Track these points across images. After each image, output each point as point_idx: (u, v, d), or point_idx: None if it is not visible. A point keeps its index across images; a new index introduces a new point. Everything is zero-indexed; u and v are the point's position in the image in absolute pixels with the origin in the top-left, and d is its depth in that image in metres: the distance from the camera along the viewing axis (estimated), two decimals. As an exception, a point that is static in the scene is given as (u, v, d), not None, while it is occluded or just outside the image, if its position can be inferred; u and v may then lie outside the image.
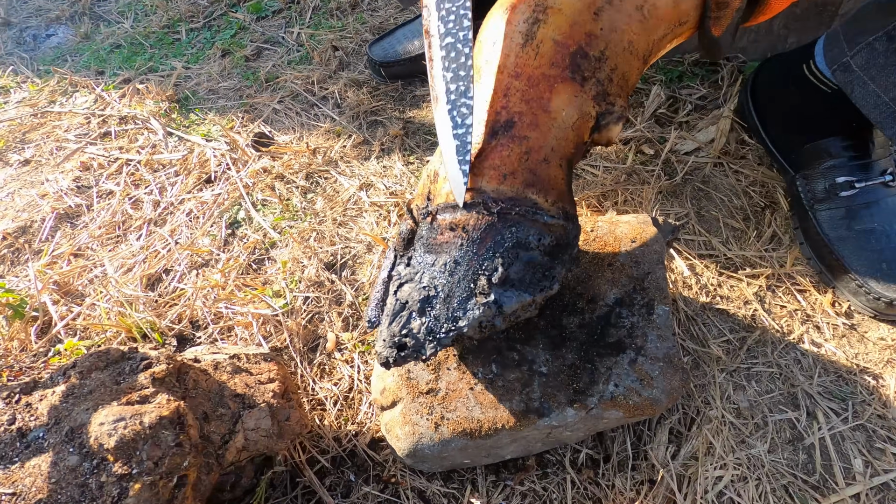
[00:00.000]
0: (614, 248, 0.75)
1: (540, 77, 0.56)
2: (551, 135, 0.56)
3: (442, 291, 0.56)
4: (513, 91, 0.56)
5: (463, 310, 0.55)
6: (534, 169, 0.57)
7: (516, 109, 0.56)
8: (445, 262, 0.56)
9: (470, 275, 0.56)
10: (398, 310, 0.56)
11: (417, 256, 0.59)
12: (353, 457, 0.78)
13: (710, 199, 1.07)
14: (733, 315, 0.92)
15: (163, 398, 0.54)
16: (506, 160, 0.56)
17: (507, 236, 0.56)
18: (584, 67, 0.56)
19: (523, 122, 0.56)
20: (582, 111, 0.57)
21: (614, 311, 0.72)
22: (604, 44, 0.57)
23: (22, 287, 0.98)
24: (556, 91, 0.56)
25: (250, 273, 1.00)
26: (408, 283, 0.57)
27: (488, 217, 0.56)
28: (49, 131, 1.31)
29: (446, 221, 0.57)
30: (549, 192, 0.58)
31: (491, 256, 0.56)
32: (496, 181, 0.57)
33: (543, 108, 0.56)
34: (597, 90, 0.57)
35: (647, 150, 1.14)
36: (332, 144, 1.21)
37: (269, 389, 0.66)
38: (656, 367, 0.69)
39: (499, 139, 0.56)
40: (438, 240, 0.57)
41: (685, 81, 1.28)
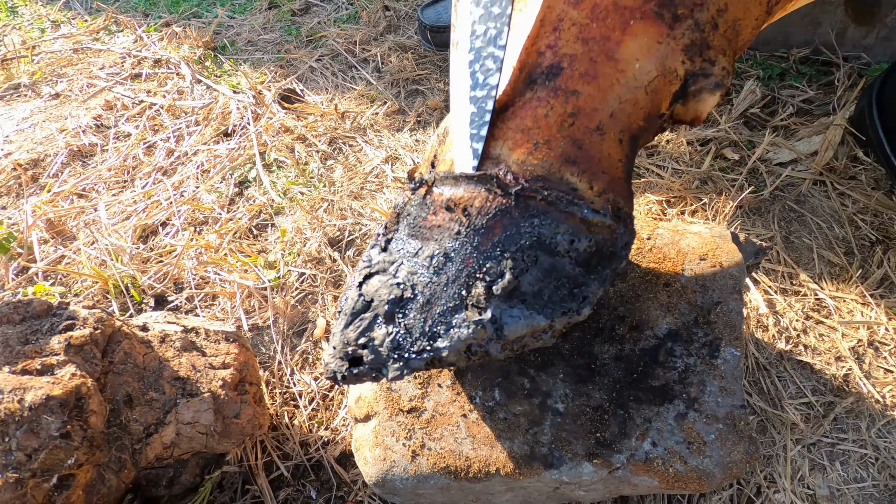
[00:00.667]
0: (676, 265, 0.58)
1: (610, 6, 0.39)
2: (613, 94, 0.40)
3: (421, 294, 0.40)
4: (566, 24, 0.40)
5: (445, 324, 0.39)
6: (579, 139, 0.40)
7: (567, 51, 0.39)
8: (432, 254, 0.40)
9: (463, 276, 0.39)
10: (360, 309, 0.41)
11: (398, 240, 0.43)
12: (318, 469, 0.65)
13: (803, 222, 0.87)
14: (819, 372, 0.72)
15: (68, 371, 0.43)
16: (541, 121, 0.40)
17: (524, 230, 0.40)
18: (679, 0, 0.39)
19: (574, 71, 0.39)
20: (665, 66, 0.40)
21: (665, 345, 0.55)
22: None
23: (17, 221, 0.92)
24: (632, 31, 0.39)
25: (249, 238, 0.89)
26: (378, 274, 0.42)
27: (502, 198, 0.40)
28: (84, 67, 1.26)
29: (443, 197, 0.41)
30: (596, 175, 0.41)
31: (497, 255, 0.39)
32: (523, 150, 0.40)
33: (608, 53, 0.39)
34: (692, 37, 0.40)
35: (731, 155, 0.94)
36: (363, 110, 1.09)
37: (219, 377, 0.55)
38: (713, 430, 0.52)
39: (536, 90, 0.40)
40: (429, 221, 0.41)
41: (788, 80, 1.06)
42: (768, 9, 0.43)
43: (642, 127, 0.43)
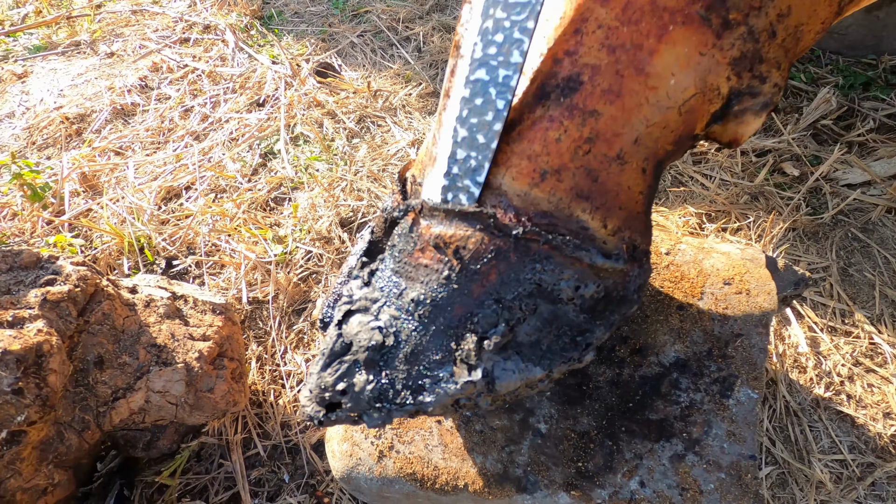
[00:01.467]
0: (694, 287, 0.51)
1: (646, 6, 0.31)
2: (640, 115, 0.33)
3: (406, 342, 0.36)
4: (591, 25, 0.32)
5: (432, 378, 0.35)
6: (595, 170, 0.34)
7: (589, 60, 0.32)
8: (418, 299, 0.36)
9: (452, 327, 0.35)
10: (339, 351, 0.37)
11: (382, 275, 0.38)
12: (294, 453, 0.64)
13: (867, 254, 0.76)
14: (861, 427, 0.63)
15: (35, 327, 0.43)
16: (551, 147, 0.33)
17: (523, 276, 0.35)
18: (731, 2, 0.31)
19: (596, 86, 0.32)
20: (706, 82, 0.33)
21: (669, 375, 0.49)
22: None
23: (56, 171, 0.96)
24: (670, 38, 0.31)
25: (265, 210, 0.88)
26: (360, 312, 0.38)
27: (498, 241, 0.34)
28: (139, 29, 1.30)
29: (432, 233, 0.36)
30: (611, 211, 0.35)
31: (491, 303, 0.35)
32: (528, 180, 0.34)
33: (638, 65, 0.32)
34: (743, 49, 0.32)
35: (790, 170, 0.83)
36: (397, 90, 1.06)
37: (196, 348, 0.53)
38: (713, 478, 0.45)
39: (548, 108, 0.33)
40: (416, 258, 0.36)
41: (873, 91, 0.93)
42: (840, 8, 0.35)
43: (670, 151, 0.36)
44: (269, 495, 0.61)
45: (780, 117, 0.91)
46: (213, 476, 0.61)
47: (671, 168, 0.87)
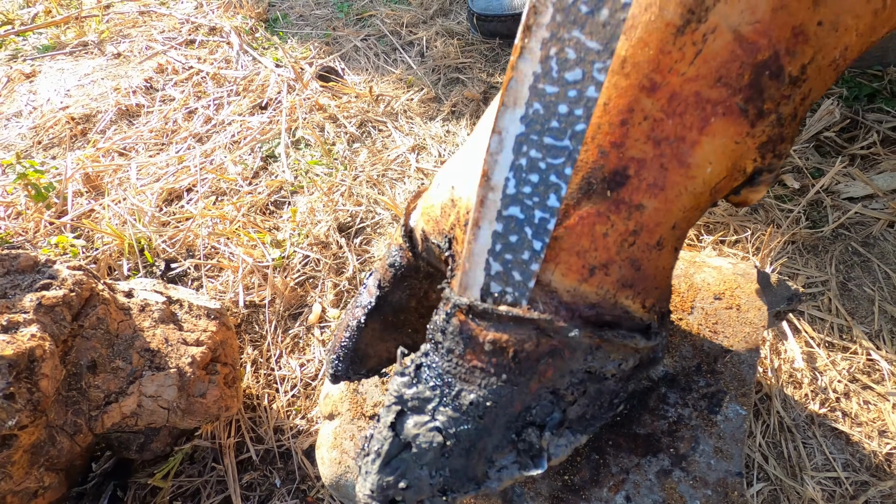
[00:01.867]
0: (685, 302, 0.51)
1: (691, 99, 0.31)
2: (679, 204, 0.33)
3: (467, 439, 0.36)
4: (638, 117, 0.32)
5: (495, 467, 0.37)
6: (638, 259, 0.34)
7: (635, 153, 0.32)
8: (478, 402, 0.36)
9: (510, 424, 0.37)
10: (395, 451, 0.37)
11: (431, 373, 0.38)
12: (286, 458, 0.64)
13: (868, 269, 0.75)
14: (857, 445, 0.62)
15: (29, 332, 0.44)
16: (598, 242, 0.34)
17: (575, 368, 0.36)
18: (768, 93, 0.31)
19: (642, 180, 0.32)
20: (736, 166, 0.33)
21: (658, 390, 0.49)
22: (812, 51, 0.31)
23: (61, 171, 0.97)
24: (710, 130, 0.31)
25: (264, 214, 0.89)
26: (413, 414, 0.38)
27: (555, 342, 0.35)
28: (146, 30, 1.31)
29: (486, 336, 0.36)
30: (649, 292, 0.36)
31: (546, 395, 0.37)
32: (577, 276, 0.34)
33: (681, 157, 0.32)
34: (770, 134, 0.32)
35: (791, 183, 0.83)
36: (398, 94, 1.06)
37: (189, 353, 0.54)
38: (699, 495, 0.45)
39: (594, 201, 0.33)
40: (469, 361, 0.37)
41: (878, 103, 0.92)
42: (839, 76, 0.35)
43: (696, 222, 0.37)
44: (261, 499, 0.61)
45: (783, 128, 0.91)
46: (206, 479, 0.62)
47: (671, 178, 0.87)
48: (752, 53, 0.30)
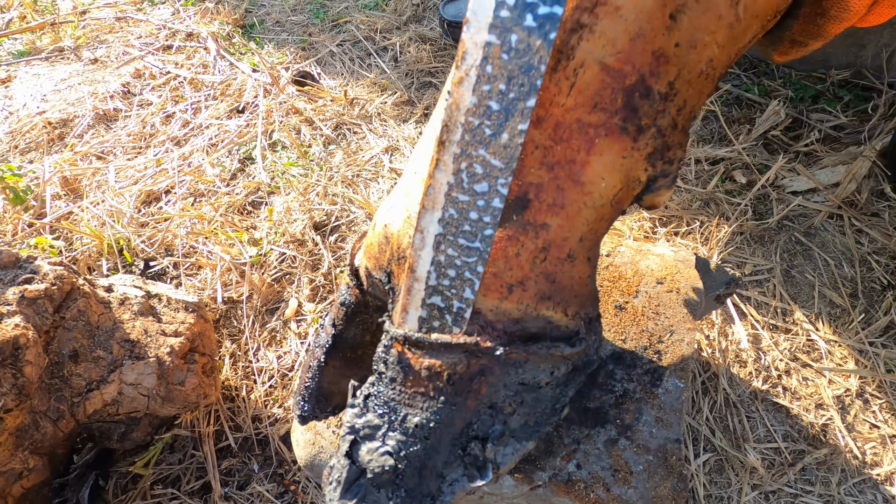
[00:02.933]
0: (631, 286, 0.55)
1: (574, 125, 0.35)
2: (582, 219, 0.37)
3: (417, 460, 0.40)
4: (529, 147, 0.36)
5: (445, 482, 0.40)
6: (552, 273, 0.38)
7: (532, 179, 0.36)
8: (420, 425, 0.40)
9: (455, 441, 0.40)
10: (353, 477, 0.41)
11: (377, 401, 0.42)
12: (264, 446, 0.67)
13: (809, 257, 0.81)
14: (795, 418, 0.68)
15: (13, 322, 0.46)
16: (512, 262, 0.38)
17: (508, 381, 0.40)
18: (642, 112, 0.35)
19: (543, 202, 0.36)
20: (629, 177, 0.37)
21: (605, 367, 0.53)
22: (676, 70, 0.35)
23: (38, 175, 0.98)
24: (597, 150, 0.35)
25: (241, 214, 0.92)
26: (366, 441, 0.41)
27: (484, 361, 0.39)
28: (123, 36, 1.33)
29: (421, 364, 0.40)
30: (569, 301, 0.40)
31: (485, 410, 0.40)
32: (497, 295, 0.38)
33: (574, 177, 0.36)
34: (655, 144, 0.37)
35: (740, 178, 0.89)
36: (372, 98, 1.10)
37: (168, 343, 0.57)
38: (642, 461, 0.50)
39: (506, 229, 0.37)
40: (410, 387, 0.41)
41: (821, 104, 0.99)
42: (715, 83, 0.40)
43: (604, 232, 0.41)
44: (240, 484, 0.64)
45: (734, 128, 0.96)
46: (186, 466, 0.64)
47: (630, 175, 0.92)
48: (620, 79, 0.34)
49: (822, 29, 0.39)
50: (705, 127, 0.98)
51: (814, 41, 0.40)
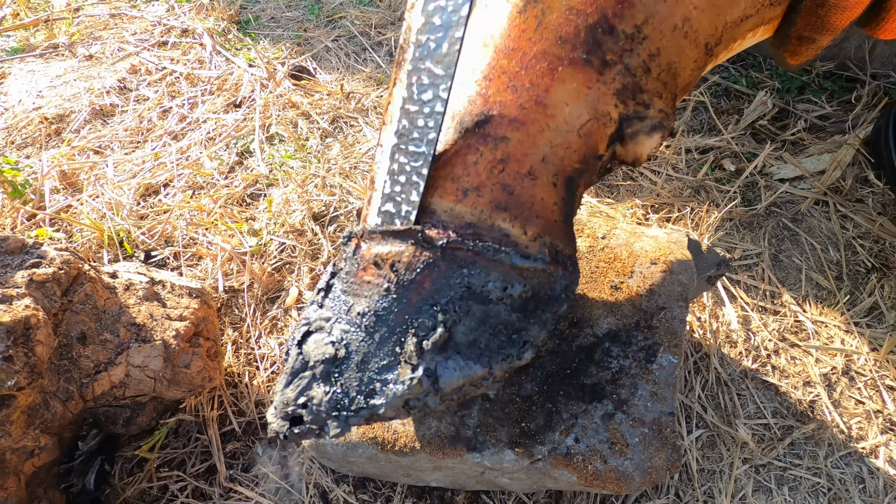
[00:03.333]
0: (626, 267, 0.57)
1: (538, 55, 0.39)
2: (544, 138, 0.40)
3: (356, 353, 0.40)
4: (497, 73, 0.39)
5: (381, 381, 0.40)
6: (510, 185, 0.40)
7: (497, 98, 0.40)
8: (363, 312, 0.41)
9: (395, 333, 0.40)
10: (299, 368, 0.41)
11: (333, 296, 0.43)
12: (267, 429, 0.68)
13: (796, 242, 0.84)
14: (784, 395, 0.70)
15: (23, 303, 0.47)
16: (470, 168, 0.40)
17: (453, 281, 0.40)
18: (606, 47, 0.38)
19: (504, 118, 0.39)
20: (596, 110, 0.40)
21: (602, 344, 0.55)
22: (643, 15, 0.38)
23: (36, 169, 0.99)
24: (560, 77, 0.39)
25: (240, 206, 0.93)
26: (315, 332, 0.42)
27: (427, 253, 0.40)
28: (118, 32, 1.33)
29: (371, 253, 0.41)
30: (529, 219, 0.40)
31: (428, 309, 0.40)
32: (452, 198, 0.40)
33: (537, 99, 0.39)
34: (623, 82, 0.39)
35: (729, 166, 0.91)
36: (369, 91, 1.11)
37: (173, 327, 0.58)
38: (637, 433, 0.51)
39: (467, 138, 0.40)
40: (360, 277, 0.42)
41: (807, 95, 1.01)
42: (708, 53, 0.42)
43: (579, 169, 0.42)
44: (244, 466, 0.65)
45: (722, 118, 0.99)
46: (191, 450, 0.65)
47: (623, 165, 0.94)
48: (583, 18, 0.38)
49: (825, 21, 0.40)
50: (695, 118, 1.00)
51: (820, 35, 0.42)
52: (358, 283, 0.42)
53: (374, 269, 0.41)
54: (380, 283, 0.41)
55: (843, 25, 0.41)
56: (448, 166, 0.40)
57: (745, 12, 0.40)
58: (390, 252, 0.41)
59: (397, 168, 0.41)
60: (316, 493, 0.63)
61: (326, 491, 0.63)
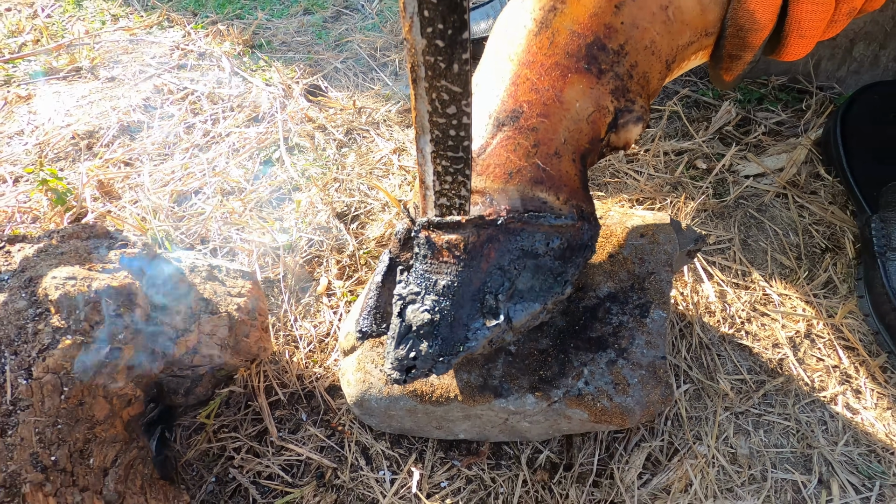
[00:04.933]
0: (620, 240, 0.68)
1: (552, 66, 0.51)
2: (563, 126, 0.52)
3: (447, 315, 0.52)
4: (522, 80, 0.52)
5: (472, 331, 0.53)
6: (543, 164, 0.52)
7: (525, 98, 0.51)
8: (447, 286, 0.53)
9: (474, 297, 0.53)
10: (404, 332, 0.54)
11: (416, 274, 0.55)
12: (310, 398, 0.77)
13: (761, 229, 0.96)
14: (757, 355, 0.81)
15: (123, 273, 0.56)
16: (511, 155, 0.52)
17: (511, 247, 0.53)
18: (601, 59, 0.51)
19: (532, 112, 0.51)
20: (598, 104, 0.52)
21: (604, 304, 0.65)
22: (624, 38, 0.51)
23: (73, 181, 1.07)
24: (570, 81, 0.51)
25: (268, 208, 1.02)
26: (411, 304, 0.55)
27: (489, 231, 0.52)
28: (137, 56, 1.42)
29: (442, 240, 0.53)
30: (560, 188, 0.53)
31: (496, 272, 0.53)
32: (501, 180, 0.52)
33: (556, 97, 0.51)
34: (615, 84, 0.52)
35: (701, 165, 1.04)
36: (378, 107, 1.22)
37: (234, 302, 0.67)
38: (636, 375, 0.62)
39: (504, 131, 0.52)
40: (438, 258, 0.54)
41: (765, 104, 1.16)
42: (667, 67, 0.55)
43: (588, 148, 0.55)
44: (291, 430, 0.73)
45: (694, 125, 1.13)
46: (242, 416, 0.73)
47: (609, 167, 1.06)
48: (583, 38, 0.51)
49: (746, 40, 0.54)
50: (670, 125, 1.14)
51: (744, 52, 0.55)
52: (437, 263, 0.54)
53: (447, 253, 0.53)
54: (456, 262, 0.53)
55: (759, 43, 0.54)
56: (494, 155, 0.52)
57: (690, 39, 0.54)
58: (459, 238, 0.52)
59: (442, 170, 0.49)
60: (357, 450, 0.71)
61: (367, 447, 0.71)
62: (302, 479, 0.69)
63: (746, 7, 0.51)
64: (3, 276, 0.54)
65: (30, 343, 0.48)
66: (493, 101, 0.52)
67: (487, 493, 0.68)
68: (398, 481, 0.68)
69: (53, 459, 0.45)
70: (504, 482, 0.69)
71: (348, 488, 0.68)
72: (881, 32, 1.06)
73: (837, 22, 0.53)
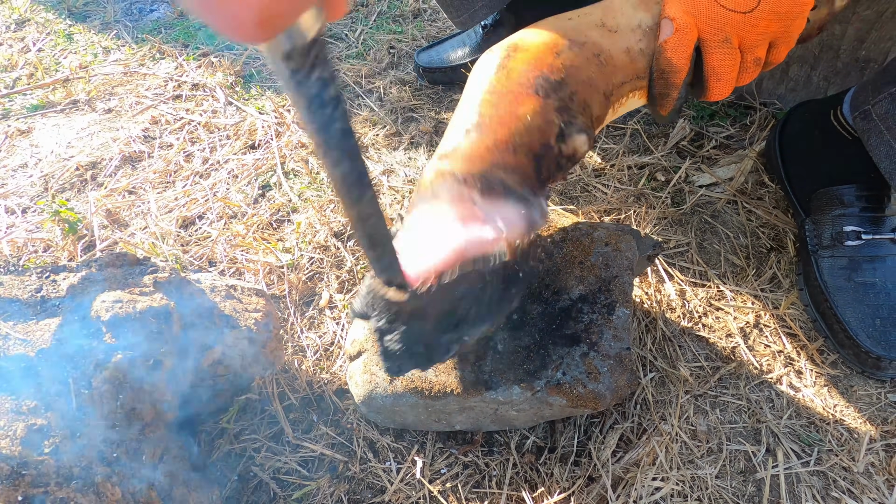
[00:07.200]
0: (588, 250, 0.79)
1: (508, 91, 0.64)
2: (517, 131, 0.63)
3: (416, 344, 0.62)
4: (485, 102, 0.64)
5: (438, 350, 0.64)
6: (501, 155, 0.63)
7: (487, 113, 0.63)
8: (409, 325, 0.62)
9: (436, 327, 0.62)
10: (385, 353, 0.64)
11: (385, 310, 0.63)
12: (320, 401, 0.85)
13: (715, 232, 1.08)
14: (712, 344, 0.92)
15: (158, 296, 0.64)
16: (477, 149, 0.63)
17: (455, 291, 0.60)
18: (546, 87, 0.64)
19: (492, 122, 0.63)
20: (546, 118, 0.63)
21: (576, 305, 0.76)
22: (563, 73, 0.64)
23: (80, 210, 1.13)
24: (522, 101, 0.63)
25: (269, 229, 1.10)
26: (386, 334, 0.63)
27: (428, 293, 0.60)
28: (133, 88, 1.50)
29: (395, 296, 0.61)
30: (515, 172, 0.63)
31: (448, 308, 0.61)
32: (468, 164, 0.62)
33: (510, 112, 0.63)
34: (559, 104, 0.64)
35: (660, 177, 1.16)
36: (366, 132, 1.32)
37: (252, 317, 0.75)
38: (606, 364, 0.72)
39: (470, 135, 0.63)
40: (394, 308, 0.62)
41: (716, 120, 1.29)
42: (607, 98, 0.67)
43: (539, 152, 0.66)
44: (305, 429, 0.81)
45: (653, 141, 1.25)
46: (259, 420, 0.81)
47: (579, 182, 1.17)
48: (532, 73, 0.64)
49: (669, 81, 0.66)
50: (633, 141, 1.26)
51: (671, 90, 0.67)
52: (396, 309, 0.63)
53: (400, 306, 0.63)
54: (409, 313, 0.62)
55: (679, 82, 0.66)
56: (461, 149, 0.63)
57: (623, 79, 0.66)
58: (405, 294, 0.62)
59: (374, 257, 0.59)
60: (365, 444, 0.80)
61: (374, 442, 0.80)
62: (317, 472, 0.77)
63: (665, 56, 0.64)
64: (55, 302, 0.62)
65: (87, 358, 0.56)
66: (464, 118, 0.64)
67: (482, 476, 0.78)
68: (403, 470, 0.77)
69: (115, 455, 0.53)
70: (496, 466, 0.79)
71: (359, 478, 0.77)
72: (811, 56, 1.20)
73: (748, 70, 0.65)
